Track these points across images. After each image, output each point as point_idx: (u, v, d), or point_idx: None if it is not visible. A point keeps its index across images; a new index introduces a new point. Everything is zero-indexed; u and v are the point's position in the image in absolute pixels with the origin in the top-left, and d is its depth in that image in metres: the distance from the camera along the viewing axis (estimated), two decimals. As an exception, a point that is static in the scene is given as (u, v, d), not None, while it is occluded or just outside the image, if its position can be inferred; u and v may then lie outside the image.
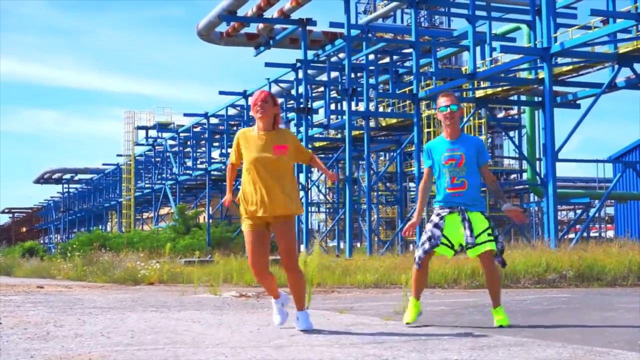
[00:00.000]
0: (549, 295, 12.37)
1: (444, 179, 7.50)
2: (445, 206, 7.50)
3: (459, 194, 7.46)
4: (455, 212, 7.44)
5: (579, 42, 25.85)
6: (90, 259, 24.14)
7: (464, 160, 7.46)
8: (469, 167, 7.48)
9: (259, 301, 11.75)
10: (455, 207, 7.45)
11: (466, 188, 7.46)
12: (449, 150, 7.51)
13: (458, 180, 7.46)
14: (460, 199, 7.46)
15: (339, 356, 5.39)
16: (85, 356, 5.36)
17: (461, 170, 7.46)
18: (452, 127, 7.56)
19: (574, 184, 67.89)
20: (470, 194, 7.48)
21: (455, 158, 7.47)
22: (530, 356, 5.36)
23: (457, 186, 7.46)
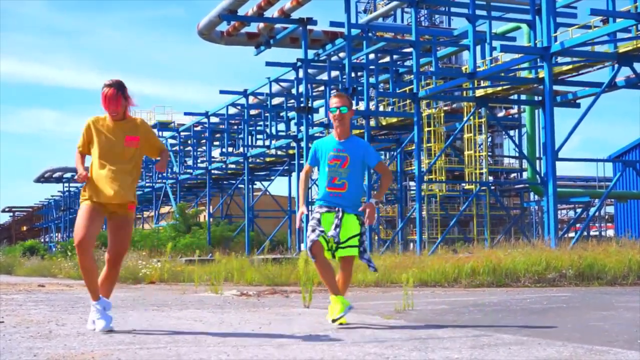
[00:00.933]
0: (549, 294, 12.41)
1: (325, 177, 7.54)
2: (324, 205, 7.54)
3: (338, 194, 7.50)
4: (332, 212, 7.47)
5: (579, 42, 25.87)
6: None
7: (349, 162, 7.51)
8: (352, 169, 7.52)
9: (259, 300, 11.78)
10: (334, 207, 7.49)
11: (346, 189, 7.50)
12: (335, 150, 7.55)
13: (339, 181, 7.50)
14: (339, 200, 7.49)
15: (340, 355, 5.42)
16: (88, 355, 5.39)
17: (344, 171, 7.50)
18: (342, 128, 7.60)
19: (574, 183, 67.87)
20: (349, 195, 7.51)
21: (340, 159, 7.52)
22: (531, 355, 5.39)
23: (337, 186, 7.50)
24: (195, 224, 51.31)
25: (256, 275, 18.17)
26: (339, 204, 7.48)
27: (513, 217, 41.17)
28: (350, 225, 7.47)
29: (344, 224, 7.45)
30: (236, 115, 51.21)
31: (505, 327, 7.33)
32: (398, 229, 41.56)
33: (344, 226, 7.45)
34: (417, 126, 33.22)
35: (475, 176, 39.38)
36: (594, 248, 18.43)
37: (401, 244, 39.82)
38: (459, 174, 50.08)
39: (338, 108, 7.56)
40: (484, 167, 39.51)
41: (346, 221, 7.47)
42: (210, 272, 18.11)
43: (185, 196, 66.01)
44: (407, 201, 52.87)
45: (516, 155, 53.24)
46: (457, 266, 16.37)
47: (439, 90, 33.53)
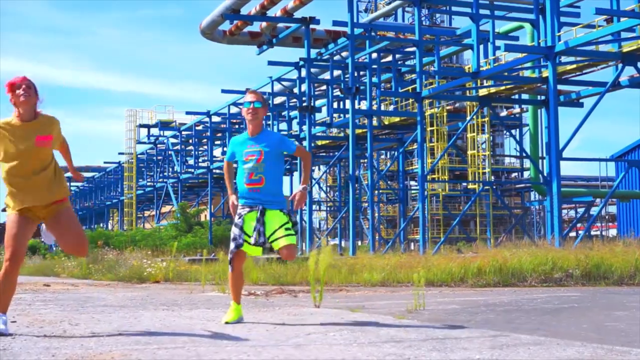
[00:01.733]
0: (559, 294, 12.38)
1: (243, 174, 7.54)
2: (245, 204, 7.52)
3: (256, 189, 7.48)
4: (255, 211, 7.46)
5: (583, 41, 25.87)
6: (95, 257, 24.11)
7: (263, 156, 7.48)
8: (267, 163, 7.49)
9: (268, 300, 11.76)
10: (255, 205, 7.48)
11: (263, 184, 7.47)
12: (249, 147, 7.55)
13: (256, 176, 7.48)
14: (258, 195, 7.48)
15: (360, 355, 5.39)
16: (106, 355, 5.36)
17: (259, 166, 7.48)
18: (254, 123, 7.61)
19: (575, 182, 67.92)
20: (267, 190, 7.49)
21: (255, 154, 7.50)
22: (552, 355, 5.37)
23: (254, 182, 7.48)
24: (196, 224, 51.29)
25: (262, 274, 18.12)
26: (259, 198, 7.47)
27: (516, 216, 41.12)
28: (276, 219, 7.45)
29: (267, 221, 7.44)
30: (238, 114, 51.21)
31: (521, 328, 7.30)
32: (400, 229, 41.54)
33: (268, 222, 7.44)
34: (420, 125, 33.19)
35: (477, 176, 39.36)
36: (599, 248, 18.39)
37: (404, 244, 39.81)
38: (459, 174, 50.11)
39: (252, 102, 7.57)
40: (486, 167, 39.47)
41: (270, 216, 7.45)
42: (215, 272, 18.08)
43: (186, 195, 66.01)
44: (409, 201, 52.87)
45: (517, 154, 53.26)
46: (463, 266, 16.33)
47: (441, 90, 33.51)
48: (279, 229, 7.40)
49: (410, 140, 39.23)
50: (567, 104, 34.02)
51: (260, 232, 7.40)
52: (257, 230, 7.40)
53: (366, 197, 44.83)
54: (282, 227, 7.42)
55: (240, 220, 7.48)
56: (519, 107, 45.95)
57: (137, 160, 66.72)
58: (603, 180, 53.47)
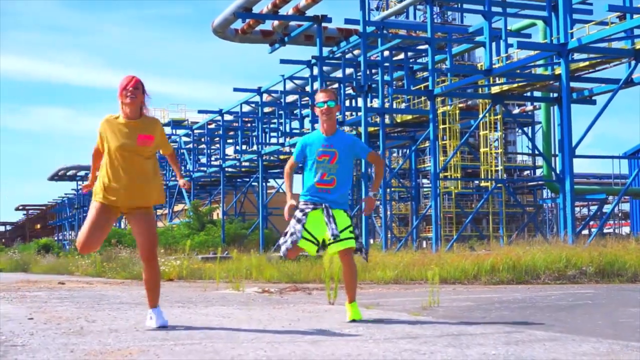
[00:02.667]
0: (572, 291, 12.38)
1: (314, 173, 7.47)
2: (309, 201, 7.47)
3: (326, 190, 7.44)
4: (319, 209, 7.41)
5: (596, 38, 25.81)
6: (108, 256, 24.23)
7: (337, 157, 7.44)
8: (340, 165, 7.46)
9: (282, 297, 11.79)
10: (320, 203, 7.43)
11: (334, 185, 7.45)
12: (324, 146, 7.48)
13: (328, 177, 7.44)
14: (327, 195, 7.44)
15: (377, 351, 5.42)
16: (125, 351, 5.41)
17: (333, 167, 7.44)
18: (329, 123, 7.53)
19: (588, 179, 67.74)
20: (337, 191, 7.46)
21: (329, 154, 7.45)
22: (568, 351, 5.38)
23: (326, 182, 7.44)
24: (209, 222, 51.34)
25: (275, 272, 18.20)
26: (326, 199, 7.45)
27: (529, 214, 41.06)
28: (341, 220, 7.42)
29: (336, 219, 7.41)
30: (250, 113, 51.28)
31: (536, 324, 7.31)
32: (413, 227, 41.52)
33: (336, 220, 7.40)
34: (432, 123, 33.17)
35: (490, 173, 39.32)
36: (613, 245, 18.37)
37: (417, 242, 39.79)
38: (472, 172, 50.03)
39: (325, 102, 7.48)
40: (499, 165, 39.42)
41: (336, 216, 7.42)
42: (228, 270, 18.16)
43: (199, 194, 66.12)
44: (421, 199, 52.83)
45: (529, 152, 53.14)
46: (477, 263, 16.35)
47: (454, 88, 33.47)
48: (344, 230, 7.38)
49: (422, 138, 39.19)
50: (580, 102, 33.92)
51: (335, 226, 7.32)
52: (330, 225, 7.32)
53: (379, 196, 44.83)
54: (346, 229, 7.40)
55: (303, 217, 7.43)
56: (532, 105, 45.86)
57: (149, 158, 66.81)
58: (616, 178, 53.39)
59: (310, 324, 7.32)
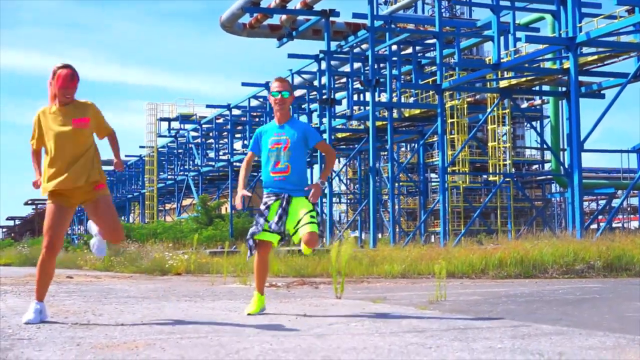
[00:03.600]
0: (580, 285, 12.36)
1: (268, 162, 7.52)
2: (271, 193, 7.51)
3: (281, 177, 7.45)
4: (279, 200, 7.44)
5: (604, 32, 25.73)
6: (117, 250, 24.26)
7: (289, 144, 7.45)
8: (293, 151, 7.47)
9: (289, 291, 11.80)
10: (280, 193, 7.46)
11: (289, 172, 7.45)
12: (276, 135, 7.52)
13: (282, 165, 7.45)
14: (283, 183, 7.45)
15: (382, 344, 5.42)
16: (131, 344, 5.41)
17: (285, 154, 7.45)
18: (282, 112, 7.55)
19: (597, 174, 67.58)
20: (293, 178, 7.46)
21: (281, 142, 7.47)
22: (574, 345, 5.37)
23: (280, 170, 7.46)
24: (217, 216, 51.39)
25: (282, 266, 18.20)
26: (284, 187, 7.46)
27: (537, 208, 40.98)
28: (300, 205, 7.43)
29: (291, 209, 7.43)
30: (258, 107, 51.30)
31: (543, 318, 7.30)
32: (421, 221, 41.49)
33: (292, 210, 7.42)
34: (440, 117, 33.12)
35: (498, 168, 39.26)
36: (621, 239, 18.31)
37: (425, 236, 39.75)
38: (480, 166, 49.96)
39: (280, 92, 7.51)
40: (507, 159, 39.36)
41: (295, 204, 7.44)
42: (236, 264, 18.15)
43: (207, 188, 66.20)
44: (429, 193, 52.79)
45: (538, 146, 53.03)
46: (484, 257, 16.32)
47: (462, 82, 33.42)
48: (304, 216, 7.37)
49: (430, 133, 39.15)
50: (589, 96, 33.86)
51: (282, 220, 7.38)
52: (278, 216, 7.38)
53: (386, 190, 44.80)
54: (307, 213, 7.39)
55: (266, 210, 7.47)
56: (540, 99, 45.76)
57: (158, 153, 66.97)
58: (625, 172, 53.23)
59: (317, 318, 7.32)
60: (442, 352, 5.07)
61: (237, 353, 4.98)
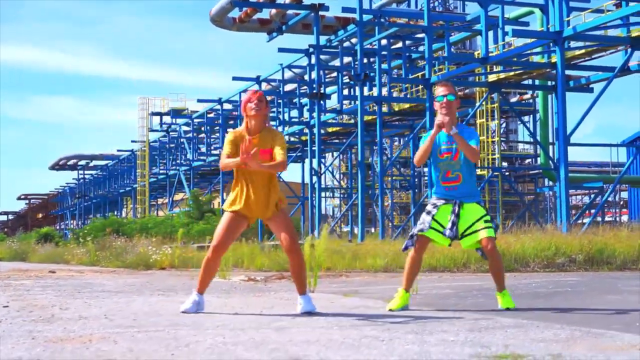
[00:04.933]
0: (557, 279, 12.39)
1: (439, 172, 7.43)
2: (441, 198, 7.45)
3: (453, 187, 7.38)
4: (451, 204, 7.37)
5: (592, 26, 25.75)
6: (103, 244, 24.28)
7: (459, 153, 7.34)
8: (464, 159, 7.35)
9: (266, 285, 11.82)
10: (451, 199, 7.38)
11: (461, 182, 7.37)
12: (445, 144, 7.39)
13: (453, 174, 7.37)
14: (455, 192, 7.38)
15: (337, 337, 5.43)
16: (85, 338, 5.42)
17: (456, 163, 7.36)
18: (449, 118, 7.34)
19: (588, 168, 67.63)
20: (464, 187, 7.39)
21: (451, 152, 7.36)
22: (527, 337, 5.38)
23: (451, 180, 7.38)
24: (208, 211, 51.34)
25: (266, 261, 18.23)
26: (456, 196, 7.39)
27: (527, 202, 41.06)
28: (473, 211, 7.36)
29: (462, 215, 7.34)
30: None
31: (507, 311, 7.32)
32: (411, 215, 41.51)
33: (464, 216, 7.34)
34: (429, 112, 33.12)
35: (488, 162, 39.31)
36: (604, 233, 18.34)
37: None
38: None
39: (445, 96, 7.35)
40: (496, 153, 39.41)
41: (467, 209, 7.36)
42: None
43: (199, 183, 66.14)
44: (421, 187, 52.81)
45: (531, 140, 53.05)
46: (467, 251, 16.32)
47: (451, 76, 33.43)
48: (477, 221, 7.31)
49: (420, 127, 39.16)
50: (577, 89, 33.89)
51: (454, 223, 7.31)
52: (451, 222, 7.32)
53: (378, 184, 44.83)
54: (481, 219, 7.32)
55: (434, 210, 7.41)
56: (530, 93, 45.79)
57: (149, 148, 66.90)
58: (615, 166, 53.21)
59: (283, 311, 7.34)
60: (393, 344, 5.08)
61: (187, 346, 4.99)
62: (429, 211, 7.41)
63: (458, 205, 7.34)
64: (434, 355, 4.63)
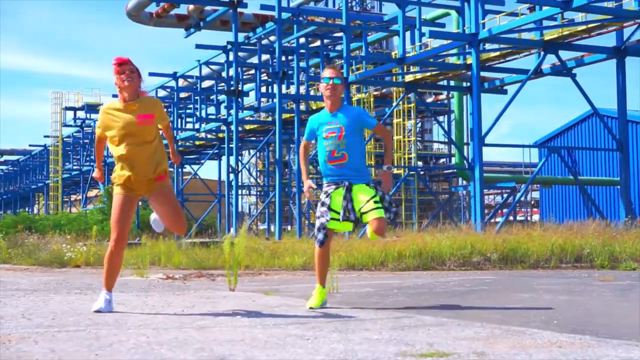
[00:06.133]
0: (473, 277, 12.59)
1: (324, 152, 7.53)
2: (331, 182, 7.52)
3: (340, 165, 7.46)
4: (341, 187, 7.44)
5: (506, 29, 26.19)
6: (15, 241, 23.71)
7: (344, 132, 7.46)
8: (349, 139, 7.47)
9: (185, 283, 11.73)
10: (340, 181, 7.47)
11: (347, 159, 7.45)
12: (329, 123, 7.53)
13: (338, 153, 7.46)
14: (342, 170, 7.46)
15: (261, 336, 5.43)
16: (4, 338, 5.30)
17: (341, 143, 7.46)
18: (332, 100, 7.55)
19: (501, 168, 68.91)
20: (351, 164, 7.47)
21: (335, 131, 7.48)
22: (449, 336, 5.47)
23: (337, 158, 7.47)
24: (123, 208, 50.67)
25: (184, 258, 18.05)
26: (343, 174, 7.45)
27: (441, 201, 41.61)
28: (362, 192, 7.39)
29: (354, 196, 7.39)
30: (166, 98, 50.69)
31: (427, 309, 7.42)
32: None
33: (355, 197, 7.39)
34: (347, 111, 33.27)
35: (404, 161, 39.71)
36: (518, 232, 18.70)
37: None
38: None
39: (331, 79, 7.49)
40: (412, 152, 39.84)
41: (357, 191, 7.41)
42: (137, 256, 17.93)
43: (113, 179, 65.19)
44: (337, 185, 53.02)
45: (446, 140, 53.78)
46: (384, 250, 16.47)
47: (369, 75, 33.68)
48: (368, 202, 7.31)
49: (338, 125, 39.31)
50: (491, 91, 34.47)
51: (348, 208, 7.34)
52: (344, 207, 7.33)
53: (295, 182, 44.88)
54: (371, 199, 7.32)
55: (327, 199, 7.44)
56: (446, 94, 46.41)
57: (63, 143, 65.71)
58: (527, 167, 54.29)
59: (204, 310, 7.30)
60: (318, 343, 5.11)
61: (111, 346, 4.93)
62: (323, 202, 7.48)
63: (347, 189, 7.42)
64: (360, 354, 4.67)
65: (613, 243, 16.95)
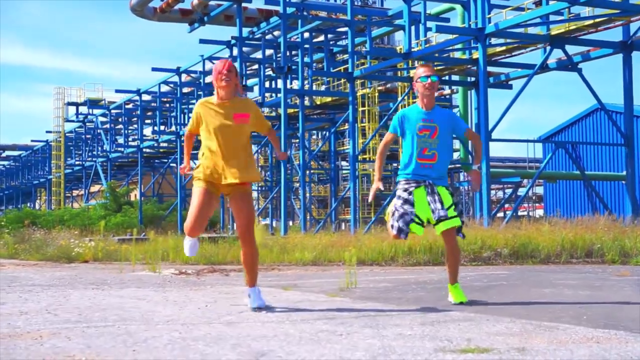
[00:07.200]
0: (487, 272, 12.55)
1: (415, 149, 7.38)
2: (412, 179, 7.39)
3: (428, 165, 7.36)
4: (422, 187, 7.35)
5: (513, 23, 26.12)
6: (21, 237, 23.68)
7: (438, 132, 7.36)
8: (441, 140, 7.38)
9: (199, 279, 11.69)
10: (422, 180, 7.36)
11: (436, 161, 7.37)
12: (424, 121, 7.39)
13: (429, 152, 7.36)
14: (429, 171, 7.36)
15: (293, 332, 5.39)
16: (35, 334, 5.27)
17: (433, 142, 7.36)
18: (429, 98, 7.44)
19: (503, 163, 68.89)
20: (439, 167, 7.40)
21: (430, 129, 7.37)
22: (482, 331, 5.43)
23: (427, 157, 7.36)
24: (126, 203, 50.75)
25: (193, 254, 18.00)
26: (428, 175, 7.36)
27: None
28: (444, 197, 7.33)
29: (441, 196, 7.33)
30: (169, 93, 50.70)
31: (451, 304, 7.37)
32: (331, 209, 41.66)
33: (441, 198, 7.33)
34: (351, 106, 33.28)
35: (408, 156, 39.62)
36: (527, 227, 18.67)
37: (335, 224, 39.91)
38: (390, 154, 50.36)
39: (429, 77, 7.39)
40: (417, 147, 39.75)
41: (440, 193, 7.34)
42: (145, 251, 17.90)
43: (116, 175, 65.23)
44: (340, 181, 53.04)
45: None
46: (394, 245, 16.44)
47: (373, 70, 33.63)
48: (449, 208, 7.28)
49: (341, 121, 39.28)
50: (497, 86, 34.41)
51: (441, 205, 7.25)
52: (435, 204, 7.25)
53: (298, 177, 44.87)
54: (450, 207, 7.29)
55: (410, 196, 7.33)
56: (450, 89, 46.32)
57: (65, 138, 65.59)
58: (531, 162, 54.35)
59: (227, 306, 7.27)
60: (352, 339, 5.07)
61: (145, 342, 4.90)
62: (406, 199, 7.34)
63: (431, 187, 7.34)
64: (398, 349, 4.63)
65: (623, 238, 16.90)
